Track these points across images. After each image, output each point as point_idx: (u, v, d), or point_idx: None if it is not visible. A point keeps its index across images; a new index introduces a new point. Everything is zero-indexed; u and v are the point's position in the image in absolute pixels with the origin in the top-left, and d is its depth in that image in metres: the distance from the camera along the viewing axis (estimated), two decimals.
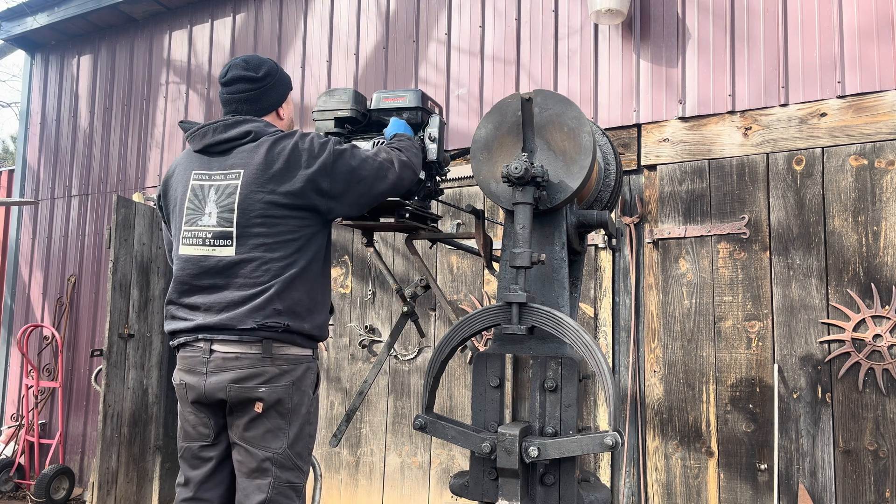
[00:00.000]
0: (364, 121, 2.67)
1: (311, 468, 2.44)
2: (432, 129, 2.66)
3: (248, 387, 2.25)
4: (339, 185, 2.33)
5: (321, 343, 2.63)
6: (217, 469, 2.40)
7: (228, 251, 2.27)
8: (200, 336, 2.29)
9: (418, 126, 2.67)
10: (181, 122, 2.52)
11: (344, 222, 2.74)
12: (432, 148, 2.65)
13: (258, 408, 2.25)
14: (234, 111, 2.45)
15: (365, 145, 2.58)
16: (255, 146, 2.33)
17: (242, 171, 2.30)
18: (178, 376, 2.38)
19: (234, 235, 2.27)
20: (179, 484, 2.44)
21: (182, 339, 2.35)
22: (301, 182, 2.29)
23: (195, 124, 2.45)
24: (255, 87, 2.45)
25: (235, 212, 2.28)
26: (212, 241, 2.30)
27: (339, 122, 2.62)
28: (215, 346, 2.27)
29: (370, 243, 2.94)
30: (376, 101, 2.67)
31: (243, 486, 2.30)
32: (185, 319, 2.33)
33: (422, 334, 3.08)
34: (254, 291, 2.25)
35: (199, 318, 2.29)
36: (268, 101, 2.48)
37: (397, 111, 2.64)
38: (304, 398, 2.34)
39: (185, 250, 2.34)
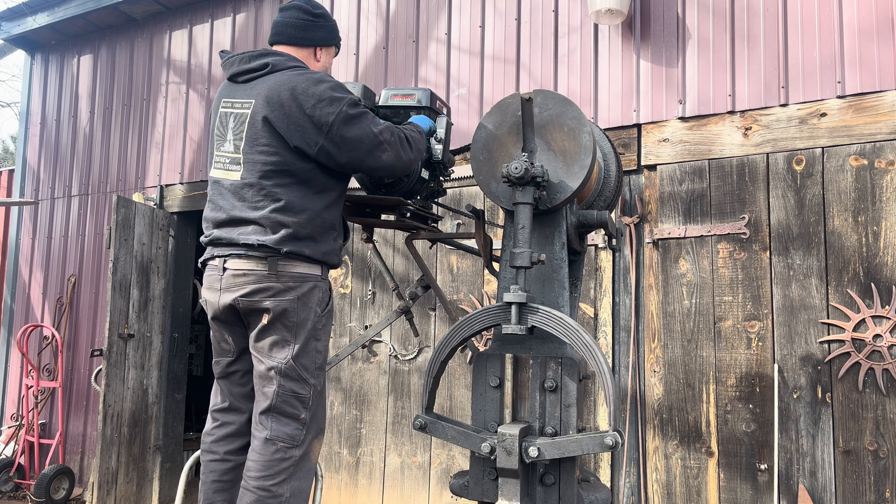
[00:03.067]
0: None
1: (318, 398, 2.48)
2: (439, 129, 2.66)
3: (255, 299, 2.38)
4: (333, 145, 2.37)
5: (333, 270, 2.69)
6: (243, 383, 2.57)
7: (237, 175, 2.43)
8: (216, 253, 2.45)
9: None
10: (222, 51, 2.65)
11: (344, 217, 2.75)
12: (438, 148, 2.65)
13: (265, 318, 2.38)
14: (277, 33, 2.59)
15: None
16: (271, 77, 2.43)
17: (254, 101, 2.42)
18: (202, 294, 2.57)
19: (241, 161, 2.42)
20: (213, 395, 2.63)
21: (204, 257, 2.53)
22: (297, 126, 2.36)
23: (231, 53, 2.59)
24: (307, 18, 2.58)
25: (243, 140, 2.42)
26: (228, 164, 2.46)
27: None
28: (227, 264, 2.42)
29: (369, 239, 2.94)
30: (385, 97, 2.67)
31: (256, 394, 2.45)
32: (208, 234, 2.51)
33: (416, 333, 3.09)
34: (256, 215, 2.37)
35: (216, 232, 2.46)
36: (312, 35, 2.58)
37: (406, 109, 2.64)
38: (310, 313, 2.42)
39: (212, 173, 2.53)
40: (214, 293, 2.47)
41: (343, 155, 2.38)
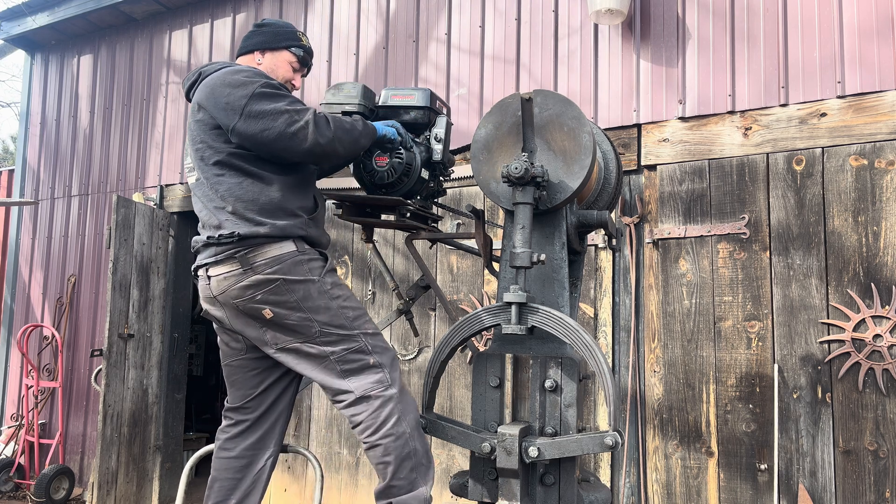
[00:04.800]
0: (371, 117, 2.67)
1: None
2: (439, 129, 2.66)
3: (246, 298, 2.38)
4: (245, 124, 2.36)
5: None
6: (255, 384, 2.57)
7: (193, 178, 2.54)
8: (198, 262, 2.51)
9: (425, 126, 2.66)
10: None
11: (344, 217, 2.74)
12: (437, 148, 2.64)
13: (267, 314, 2.38)
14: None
15: None
16: (202, 83, 2.54)
17: (191, 107, 2.54)
18: (201, 303, 2.59)
19: (193, 163, 2.52)
20: (227, 400, 2.64)
21: (192, 268, 2.59)
22: (217, 116, 2.42)
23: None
24: (251, 30, 2.77)
25: (191, 144, 2.52)
26: (189, 172, 2.58)
27: (346, 116, 2.61)
28: (209, 272, 2.46)
29: (369, 239, 2.93)
30: (385, 97, 2.67)
31: (319, 380, 2.43)
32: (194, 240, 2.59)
33: (415, 333, 3.08)
34: (209, 207, 2.46)
35: (195, 238, 2.57)
36: (250, 42, 2.73)
37: (405, 109, 2.64)
38: (307, 286, 2.40)
39: (188, 179, 2.62)
40: (211, 303, 2.49)
41: (255, 133, 2.35)
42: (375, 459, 2.41)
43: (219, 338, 2.62)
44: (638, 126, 4.13)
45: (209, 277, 2.45)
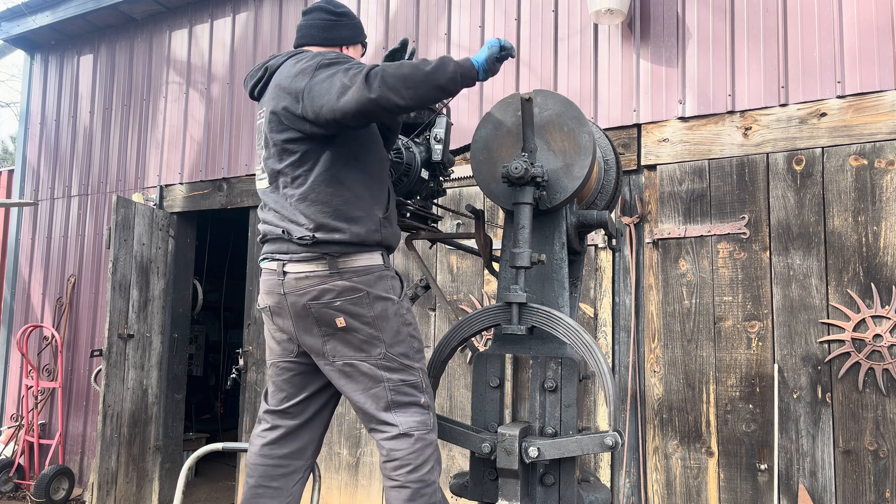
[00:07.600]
0: None
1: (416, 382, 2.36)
2: (438, 129, 2.65)
3: (324, 301, 2.28)
4: (309, 105, 2.24)
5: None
6: (302, 384, 2.47)
7: (269, 180, 2.42)
8: (273, 257, 2.38)
9: (425, 126, 2.65)
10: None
11: None
12: (437, 149, 2.64)
13: (340, 322, 2.28)
14: (301, 36, 2.56)
15: None
16: (272, 80, 2.42)
17: (265, 106, 2.42)
18: (260, 300, 2.48)
19: (271, 164, 2.39)
20: (264, 399, 2.54)
21: (260, 258, 2.48)
22: (283, 106, 2.31)
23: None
24: (329, 18, 2.56)
25: (268, 144, 2.39)
26: (264, 171, 2.44)
27: None
28: (287, 268, 2.32)
29: None
30: None
31: (362, 405, 2.33)
32: (261, 236, 2.47)
33: None
34: (288, 213, 2.32)
35: (268, 237, 2.42)
36: (336, 34, 2.58)
37: None
38: (387, 304, 2.32)
39: (257, 185, 2.51)
40: (278, 297, 2.36)
41: (315, 110, 2.22)
42: (398, 501, 2.29)
43: (269, 334, 2.50)
44: (638, 126, 4.13)
45: (285, 273, 2.32)
